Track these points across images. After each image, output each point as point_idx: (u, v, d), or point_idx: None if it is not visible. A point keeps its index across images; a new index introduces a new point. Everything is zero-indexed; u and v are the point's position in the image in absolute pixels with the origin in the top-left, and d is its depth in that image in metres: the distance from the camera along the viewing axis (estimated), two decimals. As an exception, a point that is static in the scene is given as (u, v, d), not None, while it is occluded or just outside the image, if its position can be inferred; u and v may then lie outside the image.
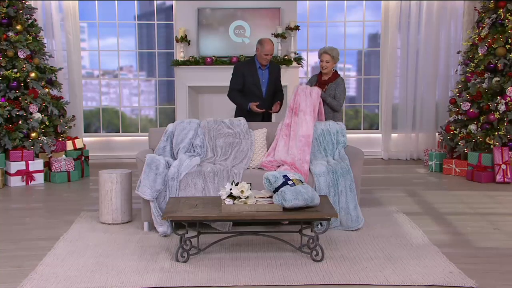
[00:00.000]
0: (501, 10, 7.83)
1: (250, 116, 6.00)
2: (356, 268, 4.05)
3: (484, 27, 8.04)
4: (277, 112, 6.28)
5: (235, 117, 6.08)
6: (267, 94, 6.19)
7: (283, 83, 8.81)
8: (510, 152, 7.33)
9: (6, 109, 7.36)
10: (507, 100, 7.51)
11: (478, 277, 3.85)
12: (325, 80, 6.04)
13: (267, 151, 5.55)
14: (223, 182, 5.01)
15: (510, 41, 7.69)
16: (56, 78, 8.27)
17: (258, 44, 6.05)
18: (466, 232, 5.01)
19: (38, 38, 8.02)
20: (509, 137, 7.46)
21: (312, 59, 9.81)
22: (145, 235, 4.92)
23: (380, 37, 9.45)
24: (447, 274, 3.91)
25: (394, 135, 9.45)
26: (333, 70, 6.08)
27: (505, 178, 7.24)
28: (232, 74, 6.18)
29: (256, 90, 6.06)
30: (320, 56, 6.02)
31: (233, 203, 4.19)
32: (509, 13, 7.75)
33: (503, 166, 7.24)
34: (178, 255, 4.20)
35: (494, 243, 4.69)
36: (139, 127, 9.67)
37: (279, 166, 5.34)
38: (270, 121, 6.37)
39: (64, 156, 7.70)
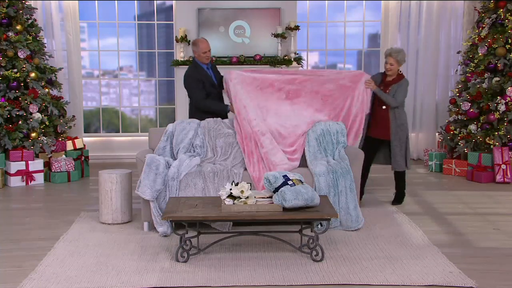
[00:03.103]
0: (501, 10, 7.83)
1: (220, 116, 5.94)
2: (356, 268, 4.05)
3: (484, 27, 8.04)
4: None
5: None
6: (220, 90, 6.15)
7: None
8: (510, 152, 7.34)
9: (6, 109, 7.36)
10: (507, 100, 7.51)
11: (478, 277, 3.86)
12: (389, 81, 5.94)
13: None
14: (223, 182, 5.01)
15: (510, 41, 7.69)
16: (56, 78, 8.27)
17: (193, 47, 5.92)
18: (466, 232, 5.01)
19: (38, 38, 8.02)
20: (509, 137, 7.46)
21: (312, 59, 9.82)
22: (145, 235, 4.93)
23: (380, 37, 9.45)
24: (447, 274, 3.92)
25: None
26: (399, 71, 5.97)
27: (505, 178, 7.24)
28: (190, 86, 5.89)
29: (213, 90, 5.94)
30: (385, 57, 5.94)
31: (233, 203, 4.19)
32: (509, 13, 7.76)
33: (503, 166, 7.25)
34: (178, 255, 4.20)
35: (494, 243, 4.70)
36: (139, 127, 9.67)
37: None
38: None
39: (64, 156, 7.69)
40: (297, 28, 8.93)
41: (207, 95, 5.93)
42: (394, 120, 5.86)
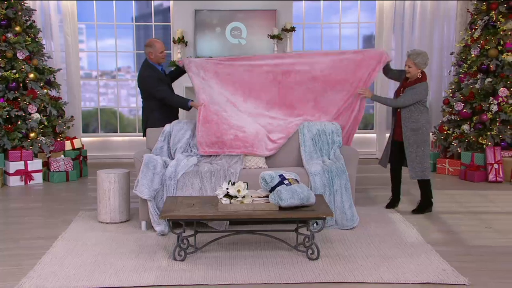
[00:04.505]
0: (493, 12, 7.84)
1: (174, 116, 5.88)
2: (351, 267, 4.05)
3: (477, 28, 8.06)
4: None
5: (146, 127, 5.77)
6: (172, 89, 6.06)
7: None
8: (502, 152, 7.35)
9: (5, 109, 7.34)
10: (499, 101, 7.53)
11: (471, 275, 3.86)
12: (407, 83, 5.57)
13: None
14: (220, 181, 5.01)
15: (502, 42, 7.71)
16: (55, 79, 8.24)
17: (149, 48, 5.78)
18: (459, 231, 5.02)
19: (36, 39, 7.99)
20: (501, 137, 7.48)
21: (307, 60, 9.80)
22: (142, 234, 4.92)
23: (375, 38, 9.45)
24: (440, 272, 3.92)
25: (388, 135, 9.42)
26: (419, 75, 5.51)
27: (497, 177, 7.25)
28: (153, 85, 5.71)
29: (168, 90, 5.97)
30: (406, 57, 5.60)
31: (230, 203, 4.18)
32: (501, 15, 7.77)
33: (496, 166, 7.26)
34: (176, 254, 4.20)
35: (486, 241, 4.71)
36: (136, 127, 9.65)
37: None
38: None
39: (62, 156, 7.67)
40: (293, 29, 8.92)
41: None
42: (406, 124, 5.54)
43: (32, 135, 7.49)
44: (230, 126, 5.41)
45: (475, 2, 8.21)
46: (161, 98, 5.74)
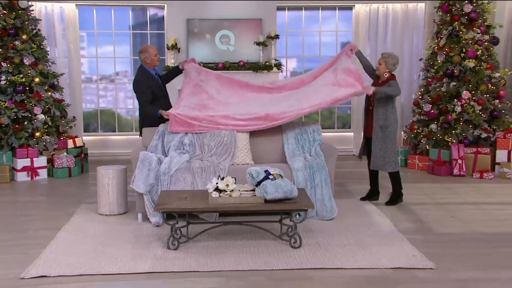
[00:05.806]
0: (456, 23, 7.90)
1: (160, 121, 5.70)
2: (331, 254, 4.05)
3: (442, 37, 8.11)
4: None
5: (142, 127, 5.71)
6: (166, 93, 6.01)
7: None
8: (465, 149, 7.42)
9: (12, 111, 7.27)
10: (462, 102, 7.59)
11: (437, 260, 3.90)
12: (378, 83, 5.56)
13: (250, 148, 5.51)
14: (210, 177, 4.99)
15: (464, 50, 7.77)
16: (58, 82, 8.17)
17: (144, 54, 5.69)
18: (427, 220, 5.05)
19: (42, 47, 7.91)
20: (464, 135, 7.55)
21: (290, 64, 9.82)
22: (139, 225, 4.89)
23: (351, 46, 9.45)
24: (410, 258, 3.94)
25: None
26: (386, 75, 5.52)
27: (461, 172, 7.32)
28: (139, 90, 5.64)
29: (162, 93, 5.83)
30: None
31: (219, 196, 4.17)
32: (463, 26, 7.85)
33: (459, 161, 7.32)
34: (169, 243, 4.17)
35: (451, 230, 4.75)
36: (133, 127, 9.59)
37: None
38: None
39: (65, 153, 7.60)
40: (277, 37, 8.91)
41: (157, 98, 5.71)
42: (377, 121, 5.50)
43: (37, 134, 7.42)
44: (200, 121, 5.47)
45: (441, 13, 8.26)
46: (142, 104, 5.69)
